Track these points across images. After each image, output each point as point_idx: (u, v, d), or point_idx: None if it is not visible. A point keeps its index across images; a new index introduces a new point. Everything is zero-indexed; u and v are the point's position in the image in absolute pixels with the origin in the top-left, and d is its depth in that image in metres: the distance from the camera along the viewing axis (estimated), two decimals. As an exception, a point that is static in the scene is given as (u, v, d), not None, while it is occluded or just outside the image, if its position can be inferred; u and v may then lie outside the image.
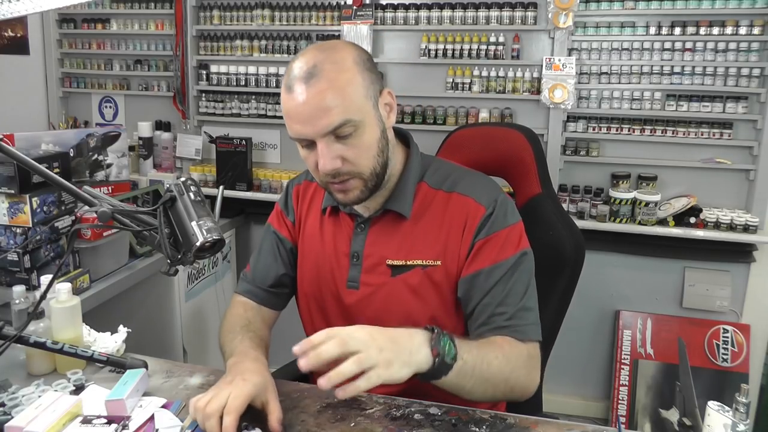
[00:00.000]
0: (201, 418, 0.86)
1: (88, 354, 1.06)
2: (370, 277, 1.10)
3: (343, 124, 0.95)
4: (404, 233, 1.09)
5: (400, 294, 1.08)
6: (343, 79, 0.96)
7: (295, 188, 1.24)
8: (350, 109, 0.96)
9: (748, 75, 2.16)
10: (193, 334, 2.28)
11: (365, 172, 1.01)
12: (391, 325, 0.98)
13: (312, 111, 0.95)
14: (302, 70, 0.96)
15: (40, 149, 1.87)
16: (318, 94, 0.94)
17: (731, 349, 2.28)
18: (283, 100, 0.99)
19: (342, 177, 1.00)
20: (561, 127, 2.33)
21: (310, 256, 1.17)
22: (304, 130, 0.97)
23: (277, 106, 2.61)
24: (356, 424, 0.94)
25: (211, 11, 2.65)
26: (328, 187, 1.05)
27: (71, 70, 2.92)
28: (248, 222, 2.77)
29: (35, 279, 1.57)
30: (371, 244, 1.11)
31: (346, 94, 0.96)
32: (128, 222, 0.94)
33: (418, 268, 1.07)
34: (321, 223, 1.17)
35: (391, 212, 1.10)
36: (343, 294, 1.13)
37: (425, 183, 1.12)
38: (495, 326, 1.03)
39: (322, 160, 0.97)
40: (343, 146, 0.98)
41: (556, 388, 2.41)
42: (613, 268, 2.41)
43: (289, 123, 0.99)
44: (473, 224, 1.06)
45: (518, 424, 0.95)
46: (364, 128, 0.98)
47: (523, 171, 1.30)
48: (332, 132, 0.96)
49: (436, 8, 2.39)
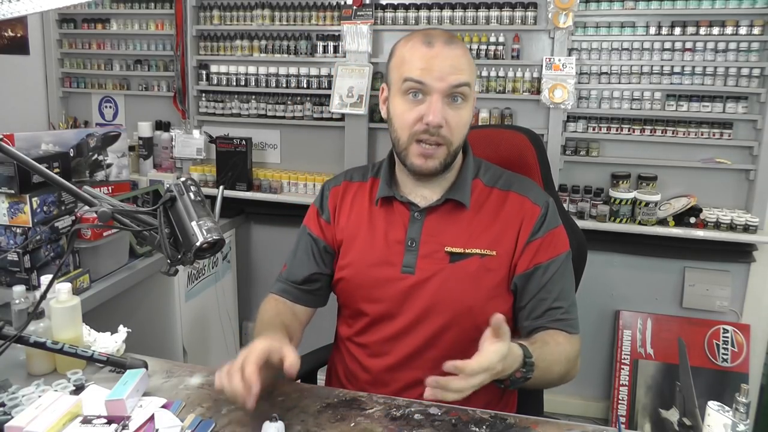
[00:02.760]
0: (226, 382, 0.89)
1: (88, 354, 1.06)
2: (426, 263, 1.13)
3: (466, 85, 1.07)
4: (464, 222, 1.14)
5: (458, 280, 1.12)
6: (470, 56, 1.12)
7: (332, 190, 1.27)
8: (471, 78, 1.09)
9: (748, 75, 2.16)
10: (193, 334, 2.28)
11: (454, 144, 1.09)
12: (445, 311, 1.10)
13: (447, 66, 1.05)
14: (441, 34, 1.09)
15: (40, 149, 1.87)
16: (457, 56, 1.07)
17: (731, 349, 2.28)
18: (416, 49, 1.07)
19: (437, 139, 1.07)
20: (561, 127, 2.33)
21: (357, 246, 1.19)
22: (431, 81, 1.05)
23: (277, 106, 2.61)
24: (356, 424, 0.94)
25: (211, 11, 2.65)
26: (412, 146, 1.09)
27: (71, 70, 2.92)
28: (248, 222, 2.77)
29: (35, 279, 1.57)
30: (429, 231, 1.15)
31: (471, 64, 1.11)
32: (128, 222, 0.94)
33: (476, 256, 1.12)
34: (370, 214, 1.20)
35: (449, 203, 1.15)
36: (396, 279, 1.14)
37: (480, 180, 1.19)
38: (552, 319, 1.11)
39: (434, 113, 1.05)
40: (450, 111, 1.07)
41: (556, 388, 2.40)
42: (613, 268, 2.41)
43: (415, 71, 1.06)
44: (530, 223, 1.13)
45: (518, 424, 0.95)
46: (468, 102, 1.10)
47: (527, 173, 1.32)
48: (455, 88, 1.06)
49: (436, 8, 2.39)
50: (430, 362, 1.13)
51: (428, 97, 1.06)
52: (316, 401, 1.00)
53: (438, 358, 1.11)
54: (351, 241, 1.20)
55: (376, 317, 1.17)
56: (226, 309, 2.58)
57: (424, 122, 1.06)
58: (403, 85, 1.08)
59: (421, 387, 1.08)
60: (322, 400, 1.01)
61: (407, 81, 1.07)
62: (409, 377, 1.14)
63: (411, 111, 1.08)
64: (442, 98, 1.06)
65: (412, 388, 1.13)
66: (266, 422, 0.89)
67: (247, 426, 0.93)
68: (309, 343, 1.44)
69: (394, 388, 1.14)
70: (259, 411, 0.92)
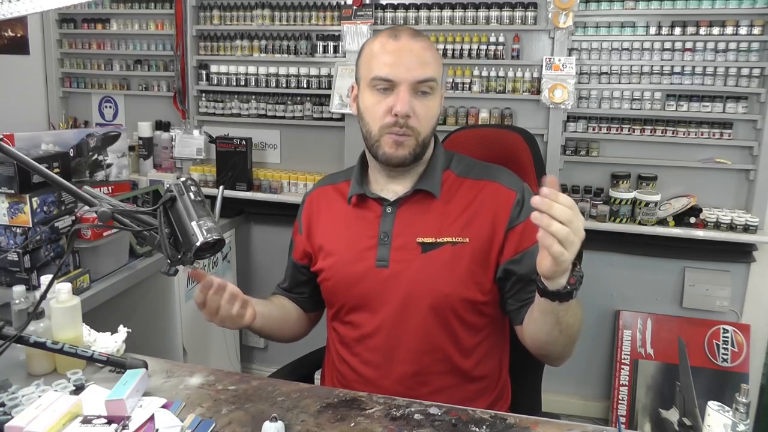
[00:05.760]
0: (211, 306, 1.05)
1: (88, 354, 1.06)
2: (400, 255, 1.15)
3: (431, 80, 1.10)
4: (434, 212, 1.16)
5: (431, 270, 1.13)
6: (436, 51, 1.16)
7: (307, 200, 1.32)
8: (437, 72, 1.13)
9: (748, 75, 2.16)
10: (193, 334, 2.28)
11: (422, 134, 1.12)
12: (423, 301, 1.11)
13: (413, 59, 1.09)
14: (407, 29, 1.14)
15: (40, 149, 1.87)
16: (423, 49, 1.11)
17: (731, 349, 2.28)
18: (383, 45, 1.12)
19: (405, 129, 1.10)
20: (561, 127, 2.33)
21: (336, 246, 1.21)
22: (398, 75, 1.09)
23: (277, 106, 2.61)
24: (356, 424, 0.94)
25: (211, 11, 2.65)
26: (383, 138, 1.12)
27: (71, 70, 2.92)
28: (248, 222, 2.77)
29: (35, 279, 1.57)
30: (400, 224, 1.17)
31: (438, 61, 1.15)
32: (128, 222, 0.94)
33: (448, 245, 1.13)
34: (345, 215, 1.22)
35: (419, 194, 1.17)
36: (372, 274, 1.15)
37: (451, 171, 1.20)
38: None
39: (401, 103, 1.08)
40: (417, 102, 1.10)
41: (556, 388, 2.41)
42: (613, 268, 2.41)
43: (381, 66, 1.10)
44: (506, 209, 1.14)
45: (518, 424, 0.95)
46: (435, 95, 1.13)
47: (521, 172, 1.32)
48: (420, 82, 1.09)
49: (436, 8, 2.39)
50: (416, 354, 1.14)
51: (396, 89, 1.09)
52: (316, 401, 1.00)
53: (422, 349, 1.14)
54: (328, 244, 1.23)
55: (357, 313, 1.18)
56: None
57: (393, 112, 1.09)
58: (372, 80, 1.11)
59: (410, 380, 1.11)
60: (322, 400, 1.01)
61: (375, 75, 1.10)
62: (397, 371, 1.14)
63: (380, 104, 1.11)
64: (409, 90, 1.09)
65: (401, 381, 1.13)
66: (266, 422, 0.89)
67: (247, 426, 0.93)
68: (308, 344, 1.44)
69: (384, 383, 1.15)
70: (259, 411, 0.92)
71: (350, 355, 1.20)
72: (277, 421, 0.89)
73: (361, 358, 1.18)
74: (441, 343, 1.14)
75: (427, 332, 1.13)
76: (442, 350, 1.14)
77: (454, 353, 1.15)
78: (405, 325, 1.14)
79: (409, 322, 1.13)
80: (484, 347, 1.19)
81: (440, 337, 1.14)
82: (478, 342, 1.17)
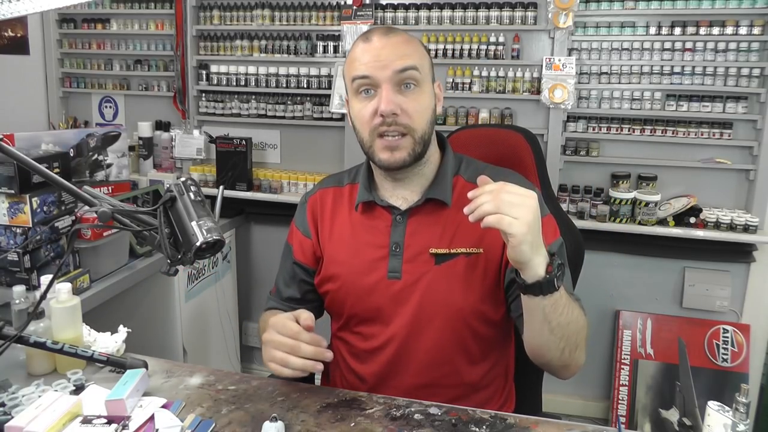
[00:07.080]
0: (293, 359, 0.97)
1: (88, 354, 1.06)
2: (412, 267, 1.11)
3: (411, 68, 1.06)
4: (446, 222, 1.12)
5: (446, 282, 1.10)
6: (416, 41, 1.12)
7: (309, 200, 1.26)
8: (418, 61, 1.08)
9: (748, 75, 2.16)
10: (193, 334, 2.28)
11: (417, 131, 1.07)
12: (436, 314, 1.08)
13: (388, 55, 1.06)
14: (381, 29, 1.11)
15: (40, 149, 1.87)
16: (396, 43, 1.08)
17: (731, 349, 2.28)
18: (358, 48, 1.10)
19: (397, 128, 1.06)
20: (561, 127, 2.33)
21: (343, 255, 1.17)
22: (375, 72, 1.06)
23: (277, 106, 2.61)
24: (356, 424, 0.94)
25: (211, 11, 2.65)
26: (375, 143, 1.09)
27: (71, 70, 2.92)
28: (248, 222, 2.77)
29: (35, 279, 1.57)
30: (412, 234, 1.13)
31: (418, 49, 1.11)
32: (128, 222, 0.94)
33: (462, 255, 1.10)
34: (351, 222, 1.18)
35: (430, 202, 1.13)
36: (384, 285, 1.12)
37: (461, 177, 1.16)
38: None
39: (385, 101, 1.05)
40: (404, 98, 1.06)
41: (556, 388, 2.41)
42: (612, 268, 2.41)
43: (360, 67, 1.08)
44: None
45: (518, 424, 0.95)
46: (423, 87, 1.09)
47: (523, 172, 1.32)
48: (400, 73, 1.05)
49: (436, 8, 2.39)
50: (427, 367, 1.12)
51: (379, 90, 1.07)
52: (316, 401, 1.00)
53: (433, 362, 1.12)
54: (335, 252, 1.18)
55: (367, 325, 1.15)
56: (226, 309, 2.58)
57: (379, 113, 1.06)
58: (353, 85, 1.09)
59: (418, 393, 1.09)
60: (322, 400, 1.01)
61: (355, 79, 1.08)
62: (406, 383, 1.12)
63: (366, 107, 1.08)
64: (391, 87, 1.06)
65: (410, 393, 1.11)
66: (266, 422, 0.89)
67: (247, 426, 0.93)
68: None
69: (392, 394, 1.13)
70: (259, 411, 0.92)
71: (359, 365, 1.17)
72: (277, 421, 0.89)
73: (370, 369, 1.16)
74: (452, 356, 1.12)
75: (438, 346, 1.11)
76: (453, 363, 1.12)
77: (464, 366, 1.13)
78: (417, 338, 1.11)
79: (420, 335, 1.11)
80: (493, 358, 1.17)
81: (451, 350, 1.11)
82: (487, 353, 1.15)
